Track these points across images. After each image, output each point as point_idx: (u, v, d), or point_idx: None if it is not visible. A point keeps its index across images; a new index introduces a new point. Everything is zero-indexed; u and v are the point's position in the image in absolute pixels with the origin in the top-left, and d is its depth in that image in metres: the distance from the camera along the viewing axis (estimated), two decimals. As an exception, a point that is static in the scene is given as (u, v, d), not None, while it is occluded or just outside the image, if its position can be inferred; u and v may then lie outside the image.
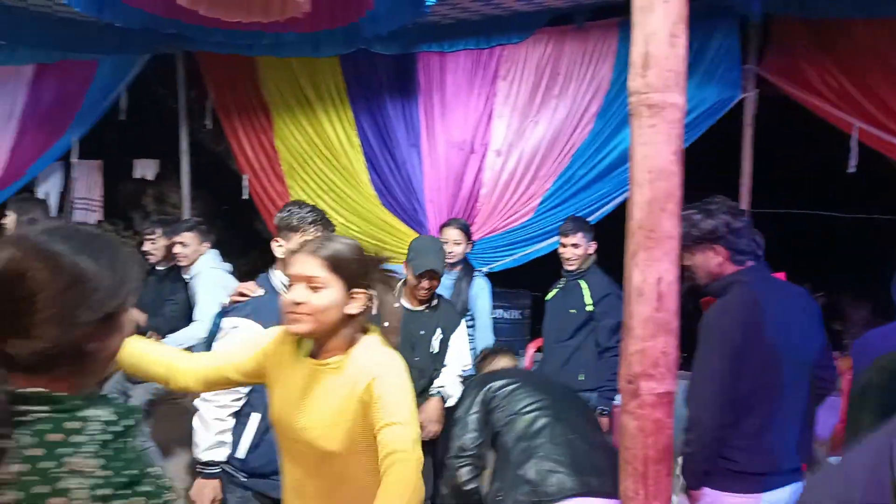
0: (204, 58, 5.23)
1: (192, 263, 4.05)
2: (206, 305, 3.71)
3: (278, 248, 2.53)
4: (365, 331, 1.72)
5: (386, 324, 1.79)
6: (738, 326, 2.06)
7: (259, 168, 5.32)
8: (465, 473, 2.38)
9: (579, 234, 3.78)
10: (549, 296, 3.96)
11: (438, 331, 3.32)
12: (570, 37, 4.51)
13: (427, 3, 3.56)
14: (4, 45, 4.95)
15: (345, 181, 5.12)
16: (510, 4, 4.30)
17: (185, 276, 4.11)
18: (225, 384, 1.85)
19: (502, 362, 3.07)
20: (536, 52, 4.60)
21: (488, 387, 2.50)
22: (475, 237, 4.92)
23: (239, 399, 2.38)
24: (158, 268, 4.34)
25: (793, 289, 2.32)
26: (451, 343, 3.37)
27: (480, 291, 3.91)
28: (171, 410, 4.43)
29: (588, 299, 3.71)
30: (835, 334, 4.83)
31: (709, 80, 4.23)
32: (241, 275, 5.18)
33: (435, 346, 3.29)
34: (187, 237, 4.03)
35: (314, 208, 2.59)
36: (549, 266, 4.22)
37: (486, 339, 3.80)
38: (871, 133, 3.98)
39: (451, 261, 3.85)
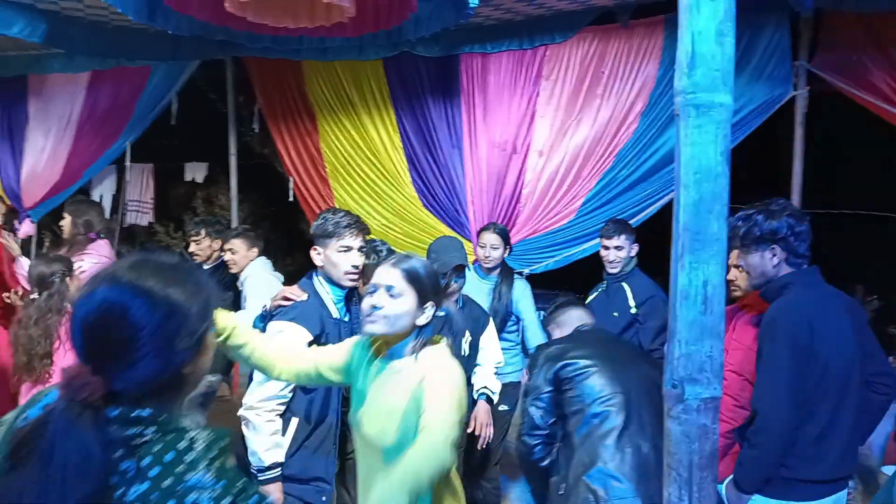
0: (251, 63, 5.34)
1: (241, 270, 4.13)
2: (252, 309, 3.77)
3: (317, 255, 2.58)
4: (433, 342, 1.88)
5: None
6: (803, 325, 2.07)
7: (304, 170, 5.41)
8: (538, 451, 2.35)
9: (622, 237, 3.71)
10: (590, 298, 3.90)
11: (467, 333, 3.28)
12: (615, 35, 4.46)
13: (470, 5, 3.56)
14: (63, 53, 5.17)
15: (387, 183, 5.16)
16: (554, 4, 4.27)
17: (238, 284, 4.18)
18: (317, 381, 2.09)
19: (575, 314, 2.84)
20: (580, 52, 4.55)
21: (563, 364, 2.37)
22: (516, 238, 4.90)
23: (283, 403, 2.39)
24: (205, 267, 4.44)
25: (844, 296, 2.33)
26: (481, 344, 3.33)
27: (522, 294, 3.86)
28: (223, 406, 4.54)
29: (631, 302, 3.63)
30: (891, 338, 4.65)
31: (758, 77, 4.13)
32: (287, 274, 5.29)
33: (465, 348, 3.25)
34: (236, 244, 4.10)
35: (348, 213, 2.66)
36: (589, 267, 4.19)
37: (538, 338, 3.73)
38: (930, 130, 3.83)
39: (488, 265, 3.83)
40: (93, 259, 3.84)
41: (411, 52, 4.66)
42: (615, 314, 3.65)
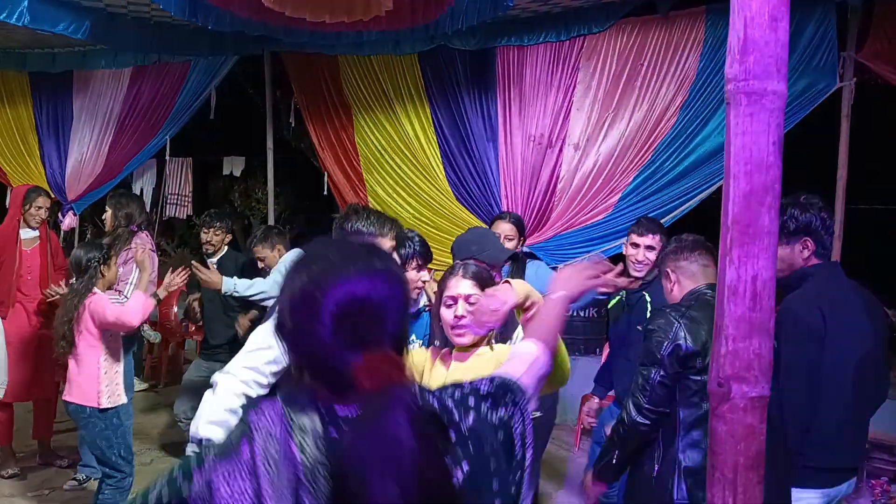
0: (288, 58, 5.39)
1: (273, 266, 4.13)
2: (269, 280, 3.74)
3: None
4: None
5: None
6: (817, 315, 2.14)
7: (338, 164, 5.44)
8: (647, 431, 2.18)
9: (657, 237, 3.14)
10: (612, 303, 3.49)
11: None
12: (655, 26, 4.37)
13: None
14: (106, 49, 5.29)
15: (420, 176, 5.16)
16: (592, -5, 4.21)
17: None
18: None
19: (711, 270, 2.33)
20: (619, 43, 4.48)
21: (683, 349, 2.10)
22: (549, 234, 4.85)
23: (263, 383, 2.07)
24: (211, 260, 4.36)
25: (864, 291, 2.36)
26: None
27: (536, 274, 3.39)
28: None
29: (649, 314, 3.13)
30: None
31: (804, 67, 4.02)
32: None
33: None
34: (258, 250, 4.11)
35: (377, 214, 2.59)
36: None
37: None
38: None
39: None
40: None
41: (447, 46, 4.64)
42: (638, 328, 3.03)
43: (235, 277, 3.75)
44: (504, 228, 3.58)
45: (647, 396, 2.13)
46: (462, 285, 1.95)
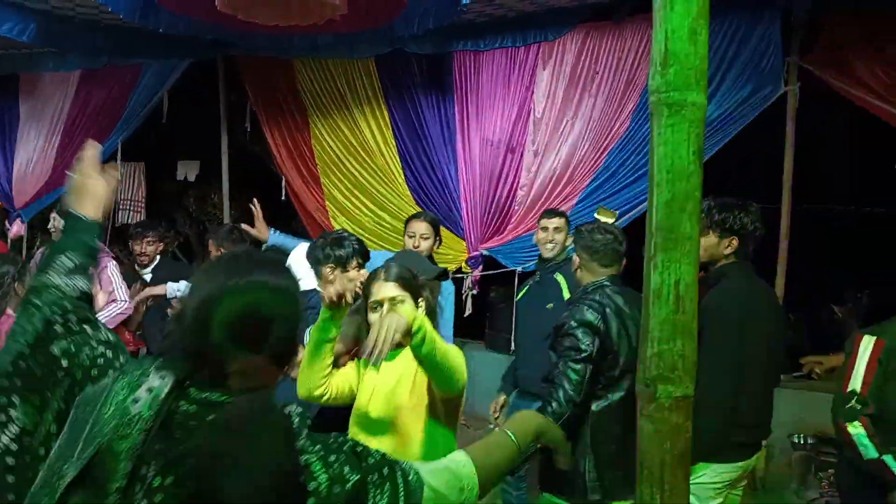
0: (243, 62, 5.34)
1: None
2: None
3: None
4: None
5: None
6: (737, 308, 2.38)
7: (295, 169, 5.40)
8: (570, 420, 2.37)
9: (563, 220, 3.55)
10: (520, 295, 3.66)
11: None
12: (609, 32, 4.45)
13: (463, 2, 3.55)
14: (54, 52, 5.15)
15: (380, 181, 5.16)
16: (546, 1, 4.26)
17: None
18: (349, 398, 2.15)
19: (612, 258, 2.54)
20: (574, 49, 4.54)
21: (605, 345, 2.27)
22: (509, 237, 4.90)
23: None
24: (144, 271, 4.25)
25: (767, 286, 2.74)
26: None
27: (448, 297, 3.45)
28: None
29: (566, 293, 3.36)
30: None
31: (750, 73, 4.13)
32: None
33: None
34: (211, 244, 4.03)
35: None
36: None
37: (449, 338, 3.41)
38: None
39: None
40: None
41: (404, 50, 4.65)
42: (549, 306, 3.36)
43: (183, 282, 3.68)
44: (419, 228, 3.46)
45: (577, 391, 2.23)
46: (385, 288, 2.02)
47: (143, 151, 6.02)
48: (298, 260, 3.56)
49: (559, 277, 3.41)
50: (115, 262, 4.02)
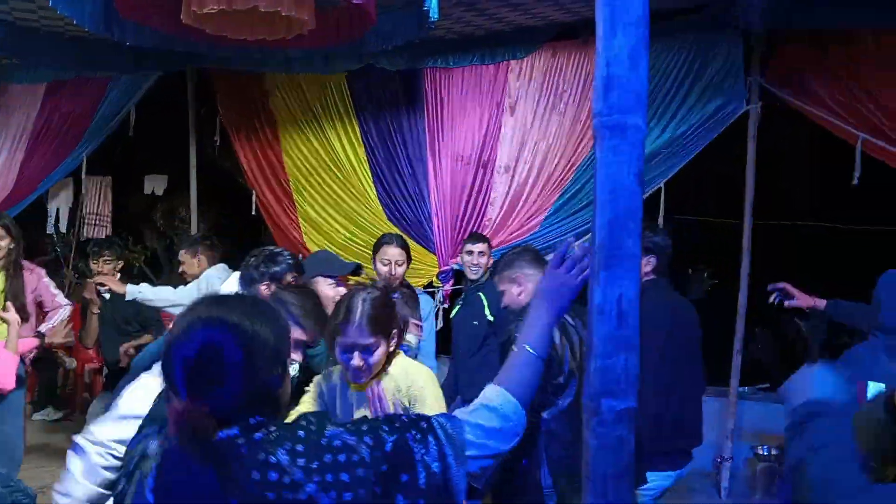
0: (213, 75, 5.32)
1: (195, 277, 4.03)
2: (180, 289, 3.66)
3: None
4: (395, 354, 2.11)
5: None
6: (666, 316, 2.59)
7: (266, 184, 5.38)
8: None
9: (486, 245, 3.93)
10: (454, 313, 3.96)
11: None
12: (575, 51, 4.53)
13: (431, 19, 3.59)
14: (20, 64, 5.08)
15: (352, 196, 5.16)
16: (514, 19, 4.33)
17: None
18: None
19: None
20: (542, 67, 4.63)
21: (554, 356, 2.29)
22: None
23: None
24: (104, 292, 4.15)
25: (686, 301, 2.98)
26: None
27: (429, 315, 3.68)
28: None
29: (487, 311, 3.65)
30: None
31: (712, 91, 4.24)
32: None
33: None
34: (182, 254, 4.00)
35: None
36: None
37: (430, 360, 3.63)
38: (876, 144, 3.97)
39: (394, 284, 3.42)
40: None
41: (375, 66, 4.68)
42: (475, 322, 3.66)
43: (144, 284, 3.62)
44: (393, 254, 3.47)
45: None
46: (359, 336, 1.91)
47: (110, 165, 5.95)
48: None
49: (482, 296, 3.65)
50: (44, 271, 3.93)
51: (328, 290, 2.82)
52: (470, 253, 3.89)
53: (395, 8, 3.84)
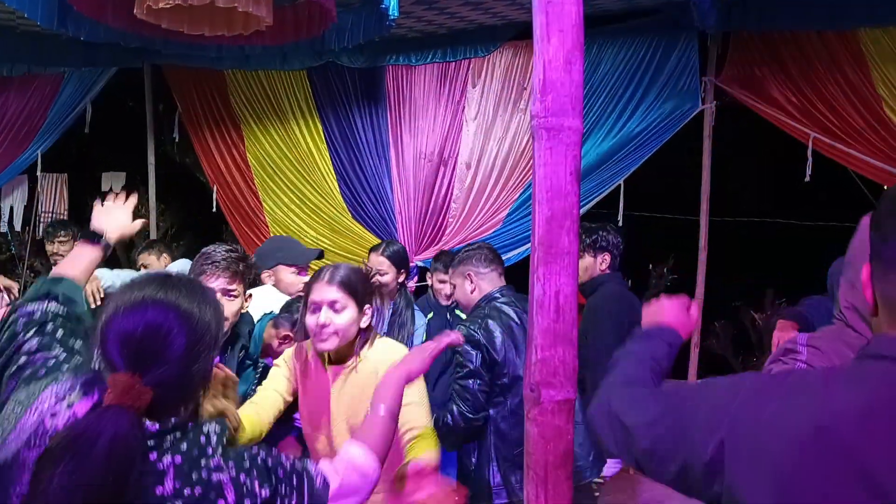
0: (171, 71, 5.23)
1: None
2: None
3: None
4: (374, 337, 2.00)
5: None
6: (622, 308, 2.73)
7: (231, 181, 5.31)
8: (472, 434, 2.44)
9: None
10: (430, 316, 3.68)
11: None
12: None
13: (390, 17, 3.61)
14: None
15: (316, 194, 5.14)
16: (475, 18, 4.37)
17: None
18: (289, 409, 2.03)
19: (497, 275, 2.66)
20: (503, 65, 4.68)
21: (489, 359, 2.42)
22: (444, 248, 4.95)
23: None
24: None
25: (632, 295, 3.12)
26: None
27: (419, 328, 3.28)
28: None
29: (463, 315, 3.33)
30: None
31: (668, 92, 4.33)
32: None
33: None
34: (145, 257, 3.94)
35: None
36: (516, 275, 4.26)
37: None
38: (826, 143, 4.10)
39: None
40: None
41: (337, 63, 4.67)
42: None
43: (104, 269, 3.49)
44: (375, 262, 3.20)
45: (468, 405, 2.34)
46: (327, 291, 1.88)
47: (66, 163, 5.81)
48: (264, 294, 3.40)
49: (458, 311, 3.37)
50: None
51: (290, 277, 2.81)
52: (441, 282, 3.58)
53: (354, 6, 3.85)
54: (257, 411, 1.93)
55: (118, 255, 7.34)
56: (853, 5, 3.82)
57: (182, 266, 4.02)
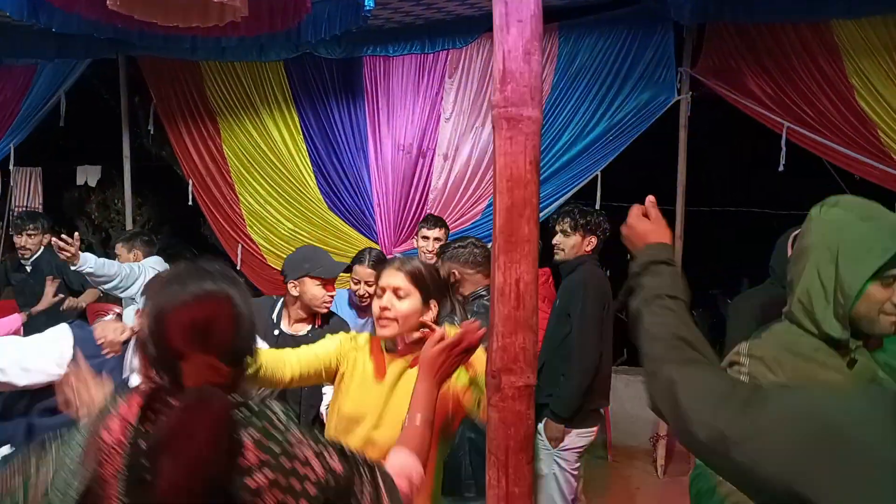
0: (146, 62, 5.18)
1: None
2: (125, 266, 3.61)
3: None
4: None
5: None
6: (603, 284, 2.92)
7: (207, 173, 5.28)
8: None
9: (445, 231, 3.74)
10: None
11: None
12: (512, 41, 4.58)
13: (366, 8, 3.60)
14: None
15: (292, 186, 5.12)
16: (453, 9, 4.36)
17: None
18: (316, 379, 1.98)
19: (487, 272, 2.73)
20: (481, 56, 4.68)
21: None
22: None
23: None
24: (27, 265, 4.01)
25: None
26: None
27: None
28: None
29: None
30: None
31: (646, 82, 4.36)
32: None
33: None
34: (119, 248, 3.92)
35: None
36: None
37: None
38: (800, 132, 4.15)
39: (364, 304, 3.27)
40: None
41: (313, 54, 4.65)
42: None
43: (89, 254, 3.42)
44: (363, 274, 3.19)
45: None
46: (393, 277, 1.87)
47: (40, 156, 5.73)
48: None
49: None
50: None
51: (315, 290, 2.78)
52: (426, 238, 3.68)
53: (330, -4, 3.83)
54: (283, 357, 1.91)
55: (94, 249, 7.28)
56: (827, -3, 3.87)
57: (155, 263, 4.01)
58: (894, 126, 3.90)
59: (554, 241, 3.04)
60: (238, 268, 5.28)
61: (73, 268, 3.30)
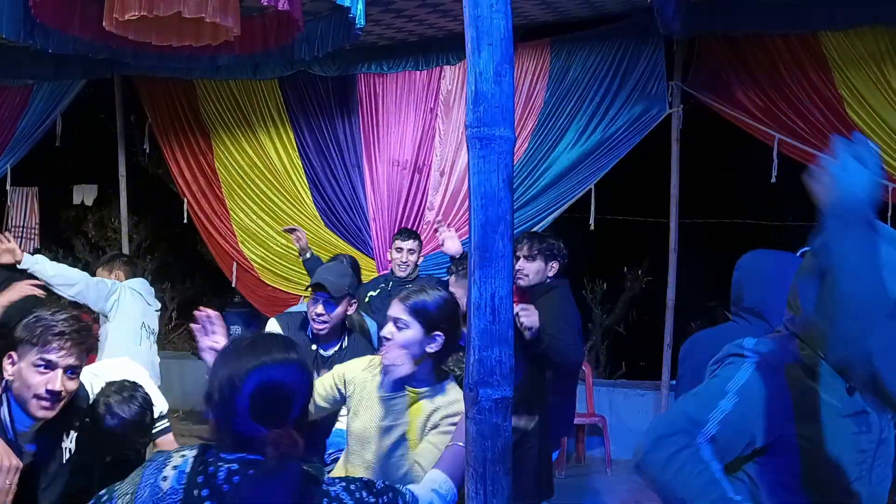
0: (141, 82, 5.22)
1: None
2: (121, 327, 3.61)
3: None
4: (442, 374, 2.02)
5: None
6: (577, 311, 3.00)
7: (199, 191, 5.30)
8: None
9: (417, 242, 3.90)
10: (376, 293, 3.84)
11: None
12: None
13: (357, 26, 3.64)
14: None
15: (287, 203, 5.15)
16: (445, 25, 4.41)
17: None
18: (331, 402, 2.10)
19: None
20: (473, 72, 4.72)
21: None
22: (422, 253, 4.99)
23: None
24: None
25: None
26: None
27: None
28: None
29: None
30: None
31: (637, 96, 4.40)
32: (184, 299, 5.09)
33: None
34: (99, 272, 3.91)
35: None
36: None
37: None
38: (791, 144, 4.19)
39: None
40: None
41: (308, 72, 4.70)
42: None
43: (41, 255, 3.33)
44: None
45: None
46: (394, 309, 1.94)
47: (37, 176, 5.77)
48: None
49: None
50: None
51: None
52: (399, 250, 3.83)
53: (323, 15, 3.88)
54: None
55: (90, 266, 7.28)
56: (814, 10, 3.92)
57: (136, 285, 3.95)
58: (883, 135, 3.94)
59: (517, 267, 2.94)
60: (233, 285, 5.29)
61: (19, 266, 3.19)
